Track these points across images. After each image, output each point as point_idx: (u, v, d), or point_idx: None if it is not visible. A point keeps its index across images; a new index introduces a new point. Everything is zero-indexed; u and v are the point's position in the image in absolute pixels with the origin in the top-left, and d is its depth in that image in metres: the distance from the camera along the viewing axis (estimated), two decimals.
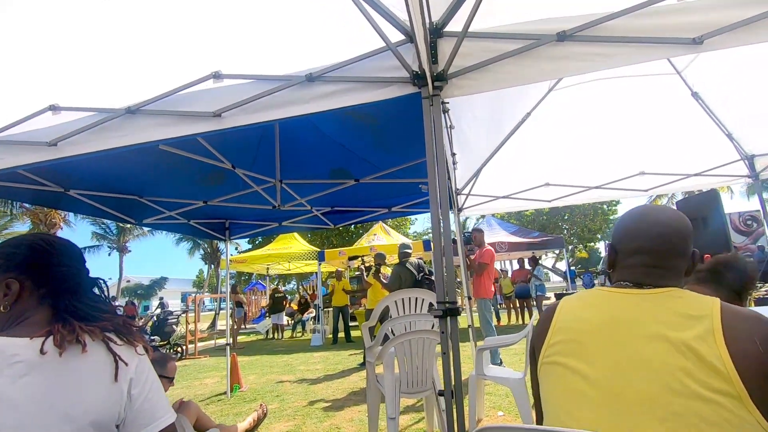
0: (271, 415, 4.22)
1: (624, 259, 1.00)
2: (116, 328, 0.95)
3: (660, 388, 0.77)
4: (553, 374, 0.92)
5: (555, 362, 0.93)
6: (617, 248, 1.02)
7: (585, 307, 0.97)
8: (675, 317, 0.83)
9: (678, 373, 0.76)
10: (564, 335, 0.94)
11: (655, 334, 0.82)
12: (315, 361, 7.68)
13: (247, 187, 3.87)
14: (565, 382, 0.89)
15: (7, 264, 0.91)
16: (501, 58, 1.68)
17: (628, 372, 0.81)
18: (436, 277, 1.61)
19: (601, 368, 0.85)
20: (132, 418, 0.89)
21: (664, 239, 0.94)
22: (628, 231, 1.01)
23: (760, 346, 0.75)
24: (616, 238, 1.04)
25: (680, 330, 0.80)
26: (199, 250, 30.63)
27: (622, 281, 0.97)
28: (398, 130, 3.01)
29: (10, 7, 1.89)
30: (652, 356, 0.80)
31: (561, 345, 0.93)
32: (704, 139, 3.87)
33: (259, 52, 1.93)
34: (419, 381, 2.88)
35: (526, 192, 4.67)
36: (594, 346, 0.88)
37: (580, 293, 1.03)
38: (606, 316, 0.91)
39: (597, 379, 0.84)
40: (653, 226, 0.97)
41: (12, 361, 0.79)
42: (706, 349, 0.76)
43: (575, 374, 0.87)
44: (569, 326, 0.95)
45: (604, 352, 0.86)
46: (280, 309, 12.95)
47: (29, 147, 2.03)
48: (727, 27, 1.48)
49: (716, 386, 0.73)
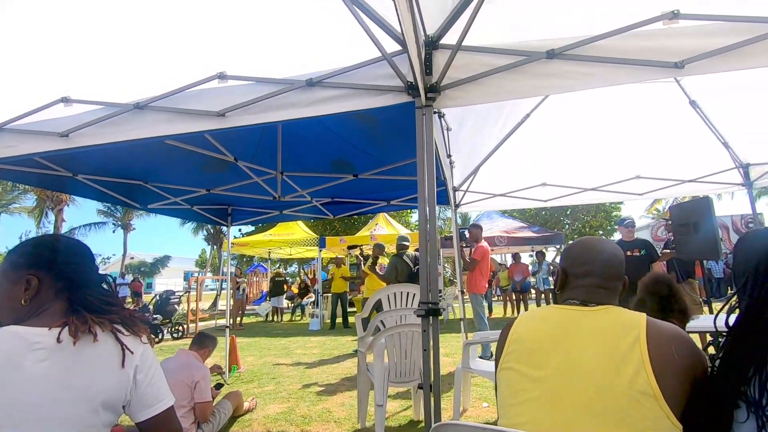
0: (267, 396, 4.40)
1: (574, 280, 1.14)
2: (123, 321, 1.07)
3: (594, 389, 0.90)
4: (506, 378, 1.05)
5: (509, 368, 1.05)
6: (567, 271, 1.16)
7: (537, 321, 1.10)
8: (611, 329, 0.97)
9: (609, 375, 0.90)
10: (518, 345, 1.06)
11: (594, 342, 0.96)
12: (312, 345, 7.87)
13: (248, 178, 3.98)
14: (516, 384, 1.01)
15: (27, 262, 1.02)
16: (493, 72, 1.75)
17: (568, 375, 0.94)
18: (421, 279, 1.71)
19: (546, 372, 0.97)
20: (137, 399, 1.02)
21: (609, 265, 1.11)
22: (579, 257, 1.16)
23: (675, 352, 0.90)
24: (567, 263, 1.17)
25: (614, 339, 0.94)
26: (202, 231, 30.90)
27: (571, 299, 1.11)
28: (396, 129, 3.09)
29: (28, 2, 1.97)
30: (589, 361, 0.94)
31: (515, 353, 1.05)
32: (700, 147, 3.92)
33: (262, 54, 2.00)
34: (407, 371, 3.02)
35: (523, 191, 4.75)
36: (542, 353, 1.00)
37: (536, 310, 1.17)
38: (554, 327, 1.04)
39: (542, 381, 0.96)
40: (600, 254, 1.13)
41: (34, 347, 0.91)
42: (633, 355, 0.90)
43: (524, 377, 1.00)
44: (523, 337, 1.07)
45: (550, 358, 0.98)
46: (280, 293, 13.17)
47: (42, 136, 2.13)
48: (707, 53, 1.54)
49: (638, 387, 0.87)
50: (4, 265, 1.04)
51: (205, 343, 3.39)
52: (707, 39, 1.55)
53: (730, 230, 15.96)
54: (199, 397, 2.93)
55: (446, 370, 5.04)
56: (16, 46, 2.04)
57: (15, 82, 2.15)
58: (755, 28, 1.49)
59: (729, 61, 1.54)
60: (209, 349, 3.42)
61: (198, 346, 3.35)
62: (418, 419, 3.44)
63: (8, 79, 2.12)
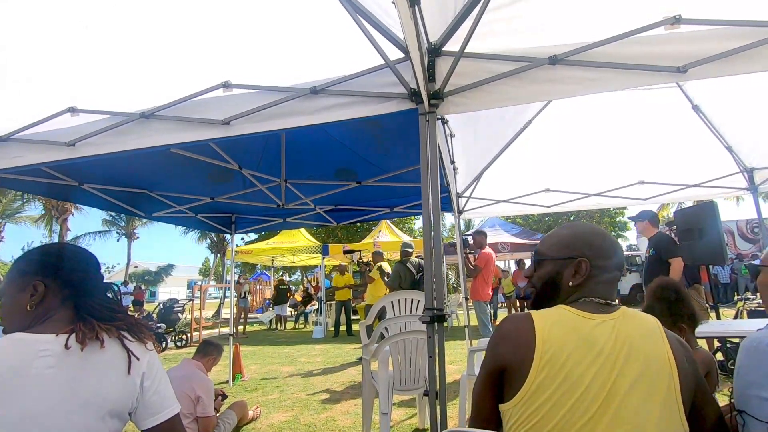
0: (271, 404, 4.37)
1: (600, 274, 1.02)
2: (129, 327, 1.07)
3: (646, 414, 0.86)
4: (539, 411, 0.89)
5: (543, 398, 0.88)
6: (593, 263, 1.02)
7: (570, 340, 0.92)
8: (639, 339, 0.92)
9: (660, 395, 0.87)
10: (556, 372, 0.89)
11: (630, 361, 0.89)
12: (316, 353, 7.84)
13: (253, 186, 3.99)
14: (561, 411, 0.87)
15: (34, 269, 1.03)
16: (495, 79, 1.76)
17: (618, 396, 0.86)
18: (426, 285, 1.70)
19: (592, 398, 0.86)
20: (143, 407, 1.02)
21: (623, 258, 1.06)
22: (603, 248, 1.04)
23: (686, 360, 0.90)
24: (592, 253, 1.03)
25: (649, 345, 0.91)
26: (206, 240, 30.97)
27: (593, 298, 1.00)
28: (400, 135, 3.10)
29: (34, 13, 2.00)
30: (636, 377, 0.88)
31: (552, 384, 0.88)
32: (704, 151, 3.92)
33: (266, 63, 2.02)
34: (412, 379, 2.99)
35: (526, 197, 4.75)
36: (583, 389, 0.87)
37: (553, 316, 0.98)
38: (592, 349, 0.90)
39: (589, 408, 0.86)
40: (617, 245, 1.06)
41: (41, 354, 0.91)
42: (665, 371, 0.89)
43: (570, 408, 0.87)
44: (559, 362, 0.89)
45: (593, 382, 0.87)
46: (283, 300, 13.15)
47: (49, 146, 2.15)
48: (709, 58, 1.55)
49: (673, 395, 0.88)
50: (11, 273, 1.05)
51: (210, 352, 3.38)
52: (709, 43, 1.55)
53: (736, 235, 15.87)
54: (202, 412, 2.90)
55: (451, 377, 5.00)
56: (23, 58, 2.07)
57: (23, 93, 2.18)
58: (757, 32, 1.50)
59: (731, 66, 1.54)
60: (214, 357, 3.41)
61: (203, 354, 3.34)
62: (424, 427, 3.41)
63: (16, 90, 2.15)
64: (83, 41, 1.99)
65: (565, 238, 1.09)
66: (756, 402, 0.97)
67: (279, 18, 1.92)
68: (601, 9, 1.71)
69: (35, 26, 1.99)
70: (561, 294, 1.05)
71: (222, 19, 1.96)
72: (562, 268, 1.05)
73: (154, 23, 1.98)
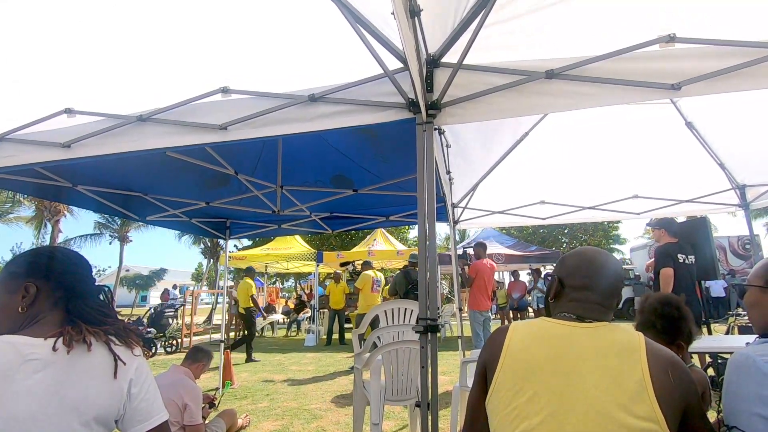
0: (261, 413, 4.31)
1: (571, 292, 1.09)
2: (117, 332, 1.05)
3: (596, 414, 0.88)
4: (502, 399, 0.99)
5: (505, 387, 0.99)
6: (564, 282, 1.11)
7: (535, 339, 1.03)
8: (610, 349, 0.95)
9: (611, 401, 0.88)
10: (512, 362, 1.00)
11: (595, 366, 0.93)
12: (307, 361, 7.76)
13: (248, 192, 3.98)
14: (513, 407, 0.96)
15: (26, 271, 1.02)
16: (493, 91, 1.78)
17: (570, 400, 0.91)
18: (420, 295, 1.70)
19: (546, 397, 0.93)
20: (130, 414, 1.00)
21: (610, 281, 1.07)
22: (579, 268, 1.10)
23: (672, 378, 0.89)
24: (565, 272, 1.12)
25: (615, 361, 0.92)
26: (200, 245, 30.77)
27: (566, 313, 1.06)
28: (397, 144, 3.11)
29: (31, 13, 2.00)
30: (591, 387, 0.91)
31: (511, 373, 0.99)
32: (697, 167, 3.96)
33: (265, 70, 2.03)
34: (404, 389, 2.97)
35: (521, 208, 4.77)
36: (540, 376, 0.96)
37: (529, 323, 1.09)
38: (554, 350, 0.99)
39: (542, 406, 0.93)
40: (602, 269, 1.08)
41: (29, 358, 0.89)
42: (635, 381, 0.89)
43: (522, 400, 0.95)
44: (520, 356, 1.00)
45: (550, 382, 0.94)
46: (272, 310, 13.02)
47: (44, 146, 2.14)
48: (703, 76, 1.57)
49: (642, 413, 0.86)
50: (2, 276, 1.04)
51: (199, 358, 3.33)
52: (703, 61, 1.58)
53: (728, 251, 16.01)
54: (189, 420, 2.84)
55: (443, 388, 4.96)
56: (21, 58, 2.06)
57: (20, 93, 2.17)
58: (750, 52, 1.52)
59: (725, 84, 1.57)
60: (203, 363, 3.36)
61: (192, 360, 3.29)
62: None
63: (13, 91, 2.14)
64: (83, 43, 1.99)
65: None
66: (746, 417, 0.97)
67: (279, 25, 1.93)
68: (597, 26, 1.73)
69: (36, 26, 1.99)
70: (549, 308, 1.14)
71: (222, 25, 1.97)
72: (551, 285, 1.15)
73: (155, 27, 1.98)
